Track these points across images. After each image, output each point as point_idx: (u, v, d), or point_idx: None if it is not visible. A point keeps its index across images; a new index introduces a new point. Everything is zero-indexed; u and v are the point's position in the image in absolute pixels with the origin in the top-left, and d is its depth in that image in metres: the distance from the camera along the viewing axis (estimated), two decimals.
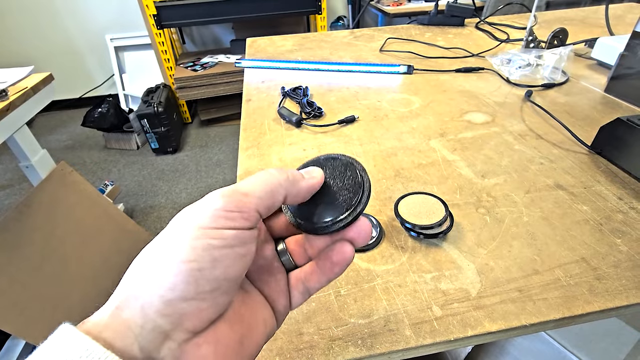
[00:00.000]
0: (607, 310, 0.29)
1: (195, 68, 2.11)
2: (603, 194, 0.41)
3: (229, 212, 0.16)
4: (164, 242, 0.15)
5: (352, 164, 0.21)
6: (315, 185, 0.20)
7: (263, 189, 0.17)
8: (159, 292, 0.14)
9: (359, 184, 0.20)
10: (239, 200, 0.16)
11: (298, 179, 0.19)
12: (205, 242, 0.15)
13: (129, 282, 0.15)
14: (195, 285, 0.14)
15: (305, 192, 0.19)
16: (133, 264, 0.16)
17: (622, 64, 0.63)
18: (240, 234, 0.16)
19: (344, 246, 0.19)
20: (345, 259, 0.19)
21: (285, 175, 0.18)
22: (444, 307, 0.30)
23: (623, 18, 1.01)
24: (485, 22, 1.01)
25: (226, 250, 0.15)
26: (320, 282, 0.20)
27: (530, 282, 0.31)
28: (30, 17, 2.26)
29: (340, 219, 0.19)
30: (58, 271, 1.05)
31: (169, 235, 0.16)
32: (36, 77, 1.10)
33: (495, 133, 0.53)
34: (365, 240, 0.20)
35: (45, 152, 1.18)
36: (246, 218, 0.16)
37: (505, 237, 0.36)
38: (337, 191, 0.20)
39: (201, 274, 0.15)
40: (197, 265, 0.15)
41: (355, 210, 0.19)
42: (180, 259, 0.14)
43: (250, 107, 0.65)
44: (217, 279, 0.15)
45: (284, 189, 0.18)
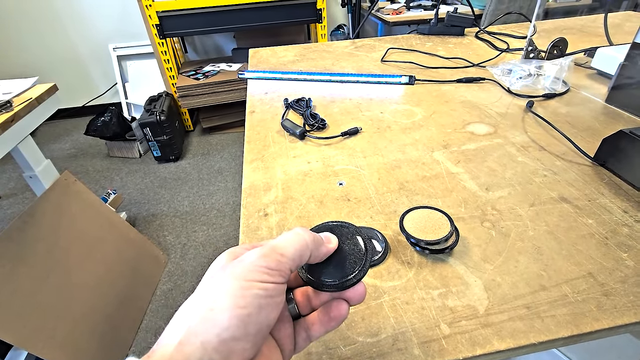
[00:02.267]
0: (616, 328, 0.29)
1: (197, 76, 2.13)
2: (608, 207, 0.41)
3: (270, 270, 0.19)
4: (216, 290, 0.18)
5: (359, 234, 0.25)
6: (331, 250, 0.23)
7: (295, 251, 0.21)
8: (216, 332, 0.17)
9: (362, 253, 0.24)
10: (278, 261, 0.20)
11: (320, 243, 0.23)
12: (254, 292, 0.18)
13: (188, 320, 0.18)
14: (245, 328, 0.17)
15: (323, 255, 0.23)
16: (187, 304, 0.19)
17: (622, 74, 0.63)
18: (278, 286, 0.19)
19: (341, 304, 0.23)
20: (341, 315, 0.23)
21: (311, 237, 0.22)
22: (452, 325, 0.30)
23: (621, 27, 1.02)
24: (484, 31, 1.02)
25: (268, 300, 0.19)
26: (320, 332, 0.23)
27: (537, 299, 0.31)
28: (34, 26, 2.29)
29: (343, 282, 0.22)
30: (61, 281, 1.05)
31: (219, 284, 0.19)
32: (40, 87, 1.11)
33: (498, 144, 0.53)
34: (359, 301, 0.23)
35: (49, 162, 1.19)
36: (282, 275, 0.20)
37: (511, 252, 0.36)
38: (344, 256, 0.24)
39: (250, 318, 0.18)
40: (247, 311, 0.18)
41: (357, 275, 0.23)
42: (234, 305, 0.17)
43: (254, 118, 0.65)
44: (260, 323, 0.18)
45: (310, 250, 0.22)
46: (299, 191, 0.46)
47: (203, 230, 1.59)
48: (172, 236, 1.57)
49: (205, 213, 1.69)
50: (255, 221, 0.42)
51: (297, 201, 0.44)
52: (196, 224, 1.63)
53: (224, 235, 1.56)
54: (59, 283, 1.04)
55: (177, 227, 1.62)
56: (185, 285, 1.34)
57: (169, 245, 1.52)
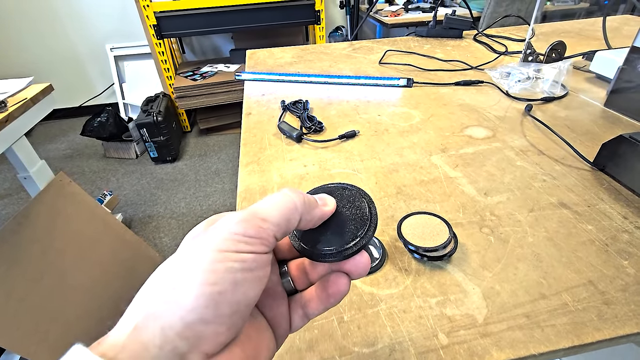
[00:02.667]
0: (617, 338, 0.28)
1: (195, 77, 2.12)
2: (607, 213, 0.40)
3: (248, 238, 0.16)
4: (183, 263, 0.15)
5: (362, 197, 0.21)
6: (327, 213, 0.20)
7: (281, 215, 0.17)
8: (179, 314, 0.14)
9: (366, 217, 0.20)
10: (259, 227, 0.16)
11: (313, 205, 0.19)
12: (227, 265, 0.15)
13: (147, 301, 0.15)
14: (216, 308, 0.14)
15: (317, 219, 0.19)
16: (149, 282, 0.15)
17: (621, 77, 0.63)
18: (259, 257, 0.16)
19: (340, 278, 0.20)
20: (340, 291, 0.20)
21: (301, 199, 0.18)
22: (450, 335, 0.29)
23: (619, 30, 1.02)
24: (483, 34, 1.02)
25: (246, 274, 0.15)
26: (319, 309, 0.21)
27: (537, 307, 0.31)
28: (31, 26, 2.27)
29: (342, 250, 0.19)
30: (56, 284, 1.03)
31: (188, 256, 0.15)
32: (36, 87, 1.09)
33: (496, 149, 0.53)
34: (362, 274, 0.20)
35: (43, 162, 1.17)
36: (264, 243, 0.16)
37: (510, 259, 0.35)
38: (344, 221, 0.20)
39: (222, 297, 0.15)
40: (218, 288, 0.14)
41: (359, 243, 0.19)
42: (202, 281, 0.14)
43: (250, 120, 0.64)
44: (237, 302, 0.15)
45: (299, 214, 0.18)
46: None
47: None
48: (168, 238, 1.56)
49: (202, 214, 1.67)
50: None
51: None
52: (193, 225, 1.61)
53: None
54: (53, 285, 1.02)
55: (173, 228, 1.61)
56: None
57: (165, 247, 1.51)
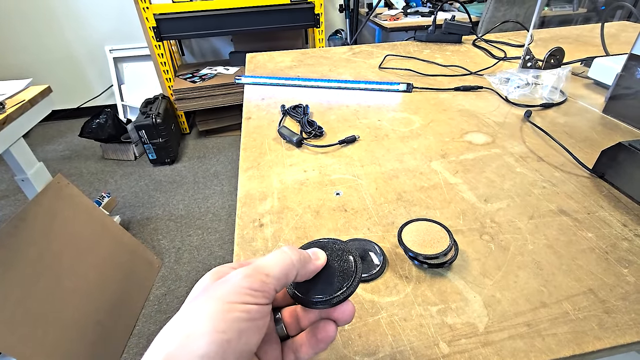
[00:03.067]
0: (618, 347, 0.28)
1: (194, 79, 2.12)
2: (607, 220, 0.40)
3: (253, 291, 0.18)
4: (194, 314, 0.17)
5: (349, 252, 0.24)
6: (319, 267, 0.23)
7: (281, 270, 0.20)
8: (193, 358, 0.16)
9: (352, 270, 0.23)
10: (262, 281, 0.19)
11: (308, 260, 0.22)
12: (235, 315, 0.17)
13: (165, 344, 0.17)
14: (223, 354, 0.16)
15: (311, 273, 0.22)
16: (166, 328, 0.17)
17: (619, 84, 0.63)
18: (261, 308, 0.19)
19: (328, 325, 0.22)
20: (328, 336, 0.22)
21: (298, 256, 0.21)
22: (451, 344, 0.29)
23: (617, 37, 1.03)
24: (482, 39, 1.03)
25: (250, 323, 0.18)
26: (309, 354, 0.23)
27: (538, 316, 0.31)
28: (30, 27, 2.27)
29: (330, 298, 0.22)
30: (52, 287, 1.03)
31: (200, 307, 0.18)
32: (34, 89, 1.09)
33: (496, 155, 0.53)
34: (347, 321, 0.23)
35: (41, 164, 1.17)
36: (266, 296, 0.19)
37: (510, 267, 0.35)
38: (333, 273, 0.23)
39: (229, 344, 0.17)
40: (227, 336, 0.17)
41: (345, 292, 0.22)
42: (213, 330, 0.16)
43: (250, 125, 0.64)
44: (241, 350, 0.17)
45: (296, 269, 0.21)
46: (295, 201, 0.45)
47: (198, 234, 1.57)
48: (166, 240, 1.55)
49: (200, 217, 1.67)
50: (250, 232, 0.41)
51: (293, 211, 0.44)
52: (191, 227, 1.61)
53: (219, 239, 1.54)
54: (49, 288, 1.02)
55: (171, 230, 1.60)
56: (179, 290, 1.33)
57: (163, 250, 1.50)
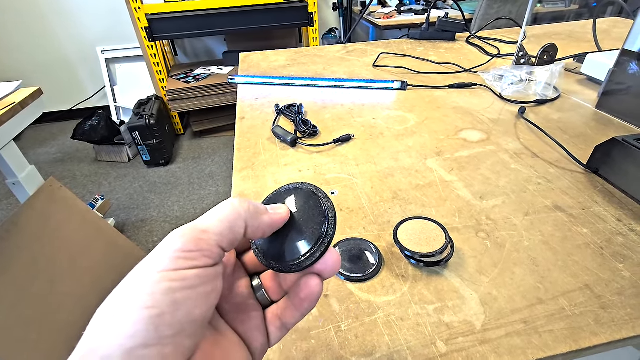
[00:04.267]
0: (614, 342, 0.28)
1: (188, 80, 2.10)
2: (602, 216, 0.41)
3: (188, 252, 0.16)
4: (124, 290, 0.15)
5: (315, 193, 0.21)
6: (278, 220, 0.19)
7: (222, 224, 0.17)
8: (118, 342, 0.14)
9: (323, 214, 0.20)
10: (198, 239, 0.16)
11: (260, 211, 0.19)
12: (165, 286, 0.15)
13: (90, 335, 0.14)
14: (156, 331, 0.14)
15: (266, 226, 0.19)
16: (95, 316, 0.15)
17: (612, 80, 0.63)
18: (203, 272, 0.16)
19: (310, 280, 0.19)
20: (312, 292, 0.19)
21: (246, 205, 0.18)
22: (448, 343, 0.29)
23: (609, 32, 1.04)
24: (475, 36, 1.03)
25: (188, 292, 0.15)
26: (295, 316, 0.20)
27: (534, 313, 0.31)
28: (20, 29, 2.24)
29: (309, 255, 0.19)
30: (45, 291, 1.01)
31: (129, 282, 0.15)
32: (24, 91, 1.08)
33: (491, 152, 0.53)
34: (333, 271, 0.19)
35: (33, 168, 1.15)
36: (207, 256, 0.16)
37: (507, 264, 0.35)
38: (303, 224, 0.20)
39: (161, 319, 0.14)
40: (156, 311, 0.14)
41: (324, 242, 0.19)
42: (139, 306, 0.14)
43: (244, 125, 0.64)
44: (180, 322, 0.15)
45: (244, 220, 0.18)
46: None
47: None
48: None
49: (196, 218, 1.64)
50: None
51: None
52: None
53: None
54: (43, 292, 1.00)
55: (167, 232, 1.58)
56: None
57: None
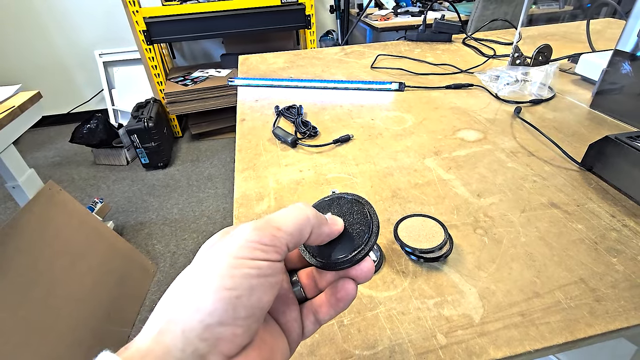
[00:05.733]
0: (609, 333, 0.29)
1: (186, 82, 2.11)
2: (596, 212, 0.42)
3: (264, 245, 0.17)
4: (202, 270, 0.16)
5: (361, 203, 0.23)
6: (335, 232, 0.21)
7: (294, 225, 0.18)
8: (199, 317, 0.15)
9: (368, 224, 0.22)
10: (273, 235, 0.18)
11: (323, 221, 0.20)
12: (244, 271, 0.16)
13: (169, 307, 0.16)
14: (233, 311, 0.15)
15: (326, 235, 0.21)
16: (170, 289, 0.17)
17: (605, 79, 0.65)
18: (272, 265, 0.17)
19: (346, 284, 0.21)
20: (348, 295, 0.21)
21: (314, 213, 0.20)
22: (448, 335, 0.30)
23: (603, 33, 1.05)
24: (471, 37, 1.04)
25: (261, 280, 0.17)
26: (330, 314, 0.22)
27: (531, 306, 0.32)
28: (18, 32, 2.24)
29: (349, 259, 0.21)
30: (46, 294, 1.01)
31: (206, 263, 0.17)
32: (23, 95, 1.08)
33: (488, 151, 0.54)
34: (367, 279, 0.21)
35: (32, 171, 1.15)
36: (278, 251, 0.18)
37: (504, 259, 0.36)
38: (348, 231, 0.22)
39: (239, 301, 0.16)
40: (236, 293, 0.16)
41: (363, 250, 0.21)
42: (220, 287, 0.16)
43: (244, 127, 0.65)
44: (252, 307, 0.16)
45: (311, 226, 0.19)
46: (291, 200, 0.46)
47: (193, 238, 1.56)
48: (161, 245, 1.54)
49: (195, 220, 1.66)
50: None
51: None
52: (186, 231, 1.60)
53: None
54: (42, 296, 1.00)
55: (166, 235, 1.59)
56: None
57: (158, 254, 1.49)
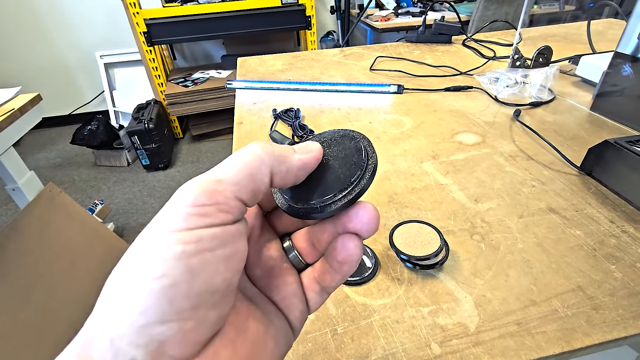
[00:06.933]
0: (606, 343, 0.29)
1: (187, 84, 2.11)
2: (595, 217, 0.41)
3: (201, 207, 0.13)
4: (131, 258, 0.13)
5: (353, 137, 0.18)
6: (311, 160, 0.16)
7: (241, 171, 0.14)
8: (128, 319, 0.12)
9: (361, 161, 0.16)
10: (212, 190, 0.13)
11: (287, 153, 0.16)
12: (177, 250, 0.12)
13: (96, 314, 0.12)
14: (171, 304, 0.12)
15: (297, 169, 0.16)
16: (102, 292, 0.13)
17: (606, 81, 0.64)
18: (220, 231, 0.13)
19: (347, 241, 0.17)
20: (350, 255, 0.17)
21: (270, 150, 0.15)
22: (442, 344, 0.29)
23: (604, 34, 1.05)
24: (471, 39, 1.04)
25: (205, 255, 0.12)
26: (335, 280, 0.18)
27: (528, 314, 0.31)
28: (19, 35, 2.25)
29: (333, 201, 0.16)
30: (45, 297, 1.02)
31: (137, 248, 0.13)
32: (24, 97, 1.08)
33: (486, 154, 0.54)
34: (372, 230, 0.16)
35: (32, 173, 1.16)
36: (225, 210, 0.13)
37: (501, 266, 0.36)
38: (336, 169, 0.17)
39: (176, 289, 0.12)
40: (169, 280, 0.12)
41: (353, 190, 0.16)
42: (148, 276, 0.12)
43: (242, 130, 0.64)
44: (198, 293, 0.12)
45: (269, 167, 0.15)
46: None
47: None
48: None
49: None
50: None
51: None
52: None
53: None
54: (42, 299, 1.00)
55: None
56: None
57: None
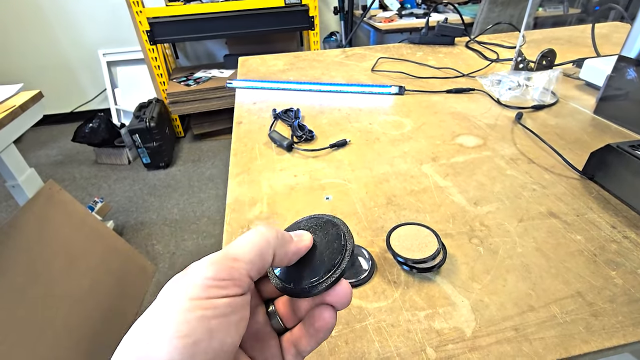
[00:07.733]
0: (605, 350, 0.28)
1: (189, 83, 2.11)
2: (596, 222, 0.40)
3: (220, 281, 0.16)
4: (155, 318, 0.15)
5: (334, 224, 0.21)
6: (302, 248, 0.20)
7: (253, 252, 0.17)
8: None
9: (341, 245, 0.20)
10: (230, 267, 0.16)
11: (287, 239, 0.19)
12: (199, 314, 0.15)
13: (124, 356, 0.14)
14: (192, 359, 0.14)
15: (292, 254, 0.19)
16: (125, 339, 0.15)
17: (610, 85, 0.63)
18: (233, 301, 0.16)
19: (324, 312, 0.19)
20: (326, 323, 0.19)
21: (274, 233, 0.18)
22: (438, 349, 0.29)
23: (609, 37, 1.04)
24: (475, 41, 1.03)
25: (220, 320, 0.15)
26: (311, 345, 0.20)
27: (526, 320, 0.30)
28: (22, 32, 2.25)
29: (318, 283, 0.19)
30: (44, 294, 1.01)
31: (159, 309, 0.15)
32: (25, 94, 1.08)
33: (487, 157, 0.53)
34: (345, 304, 0.20)
35: (32, 170, 1.16)
36: (238, 285, 0.16)
37: (499, 270, 0.35)
38: (321, 254, 0.20)
39: (197, 348, 0.14)
40: (191, 339, 0.14)
41: (335, 273, 0.19)
42: (174, 334, 0.14)
43: (241, 130, 0.64)
44: (214, 351, 0.15)
45: (273, 248, 0.18)
46: (284, 206, 0.45)
47: (193, 239, 1.56)
48: (160, 245, 1.54)
49: (195, 221, 1.66)
50: None
51: (282, 217, 0.43)
52: (186, 232, 1.60)
53: (214, 244, 1.53)
54: (40, 296, 1.00)
55: (166, 235, 1.59)
56: None
57: (158, 255, 1.49)
